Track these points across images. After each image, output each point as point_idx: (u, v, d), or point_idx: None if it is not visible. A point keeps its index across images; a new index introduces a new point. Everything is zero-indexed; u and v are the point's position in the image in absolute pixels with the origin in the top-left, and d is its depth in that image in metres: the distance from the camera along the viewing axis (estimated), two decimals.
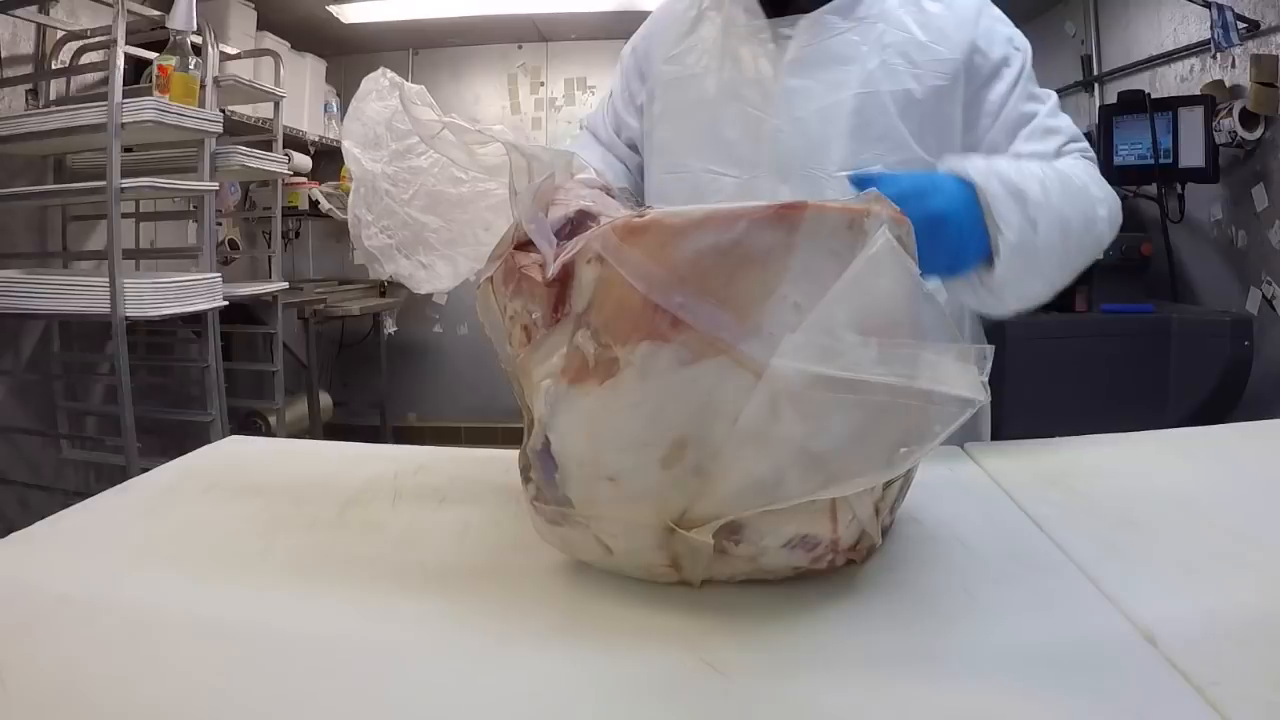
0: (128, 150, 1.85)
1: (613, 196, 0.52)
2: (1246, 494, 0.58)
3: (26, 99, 2.07)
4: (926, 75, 0.78)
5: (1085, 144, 0.81)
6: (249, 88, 2.31)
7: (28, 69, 2.08)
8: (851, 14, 0.80)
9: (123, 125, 1.72)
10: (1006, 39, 0.81)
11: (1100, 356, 2.15)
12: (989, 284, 0.67)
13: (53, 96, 2.10)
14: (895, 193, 0.46)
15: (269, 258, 2.58)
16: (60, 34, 2.07)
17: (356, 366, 3.51)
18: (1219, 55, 2.22)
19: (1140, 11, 2.62)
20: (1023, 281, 0.68)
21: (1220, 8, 2.09)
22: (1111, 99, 2.61)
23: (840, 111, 0.79)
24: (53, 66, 2.09)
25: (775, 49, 0.82)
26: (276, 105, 2.44)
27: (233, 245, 2.96)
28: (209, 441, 0.78)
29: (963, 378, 0.37)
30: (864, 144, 0.78)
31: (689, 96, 0.86)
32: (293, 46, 2.86)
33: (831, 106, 0.79)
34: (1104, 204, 0.75)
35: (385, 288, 3.15)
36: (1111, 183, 0.78)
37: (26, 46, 2.08)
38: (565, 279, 0.41)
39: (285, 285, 2.45)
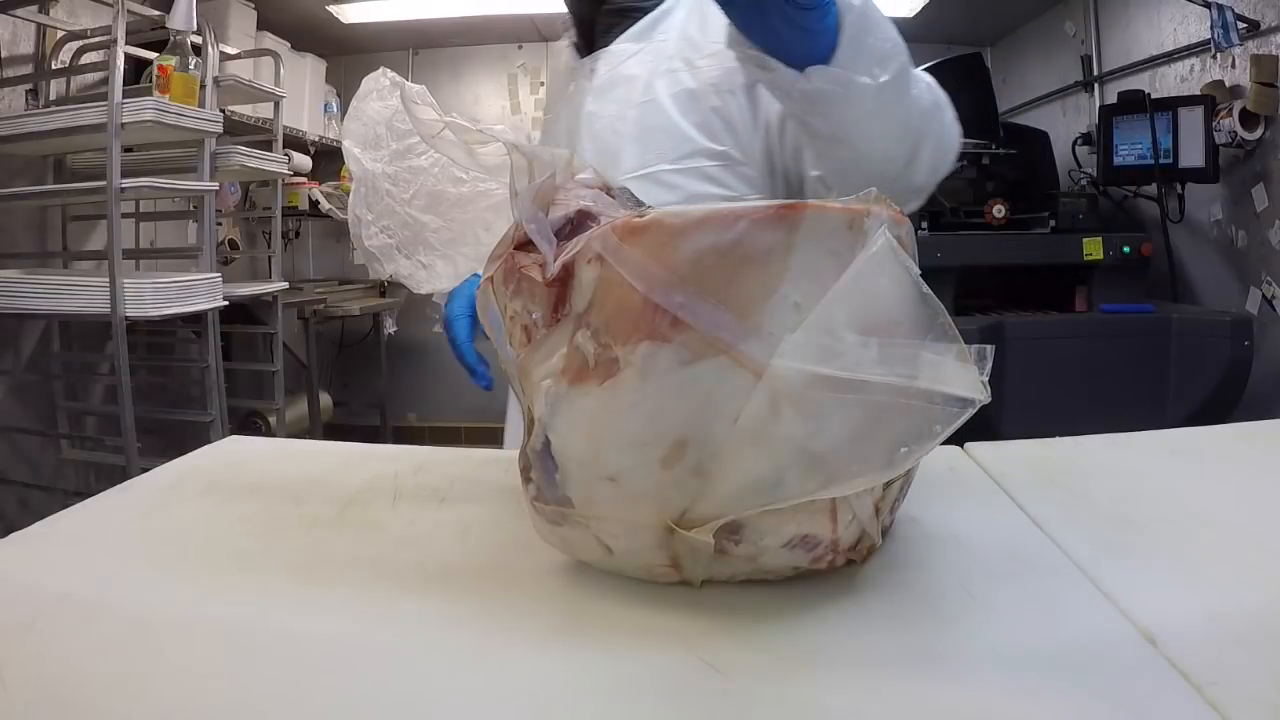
0: (128, 150, 1.85)
1: (613, 197, 0.52)
2: (1246, 494, 0.58)
3: (26, 99, 2.07)
4: (704, 72, 0.86)
5: None
6: (249, 88, 2.31)
7: (28, 69, 2.08)
8: (644, 37, 0.91)
9: (123, 125, 1.72)
10: None
11: (1100, 356, 2.15)
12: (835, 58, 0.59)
13: (53, 96, 2.10)
14: None
15: (269, 258, 2.58)
16: (60, 34, 2.07)
17: (356, 366, 3.51)
18: (1219, 55, 2.22)
19: (1140, 11, 2.62)
20: (864, 53, 0.60)
21: (1220, 8, 2.09)
22: (1111, 99, 2.61)
23: (624, 123, 0.87)
24: (53, 66, 2.09)
25: (588, 83, 0.93)
26: (276, 105, 2.44)
27: (233, 245, 2.96)
28: (209, 441, 0.78)
29: (963, 378, 0.37)
30: (648, 146, 0.86)
31: (545, 139, 1.00)
32: (293, 46, 2.86)
33: (617, 119, 0.88)
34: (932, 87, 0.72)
35: (385, 288, 3.15)
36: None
37: (26, 46, 2.08)
38: (565, 279, 0.41)
39: (285, 285, 2.45)
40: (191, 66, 1.90)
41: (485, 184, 0.63)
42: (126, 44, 1.76)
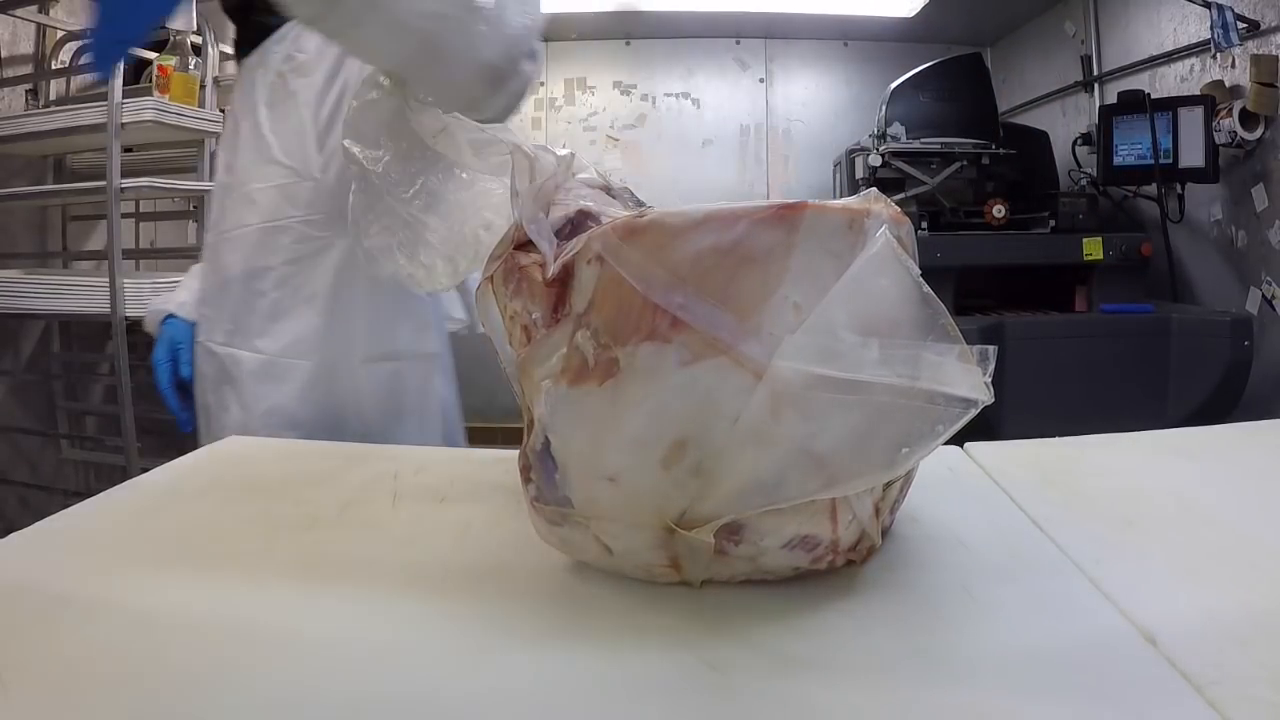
0: (127, 150, 1.86)
1: (613, 196, 0.52)
2: (1246, 494, 0.58)
3: (26, 99, 2.07)
4: (290, 82, 0.92)
5: None
6: None
7: (28, 69, 2.08)
8: (262, 62, 0.95)
9: (123, 125, 1.72)
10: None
11: (1100, 356, 2.15)
12: None
13: (53, 96, 2.11)
14: None
15: None
16: (60, 34, 2.07)
17: None
18: (1219, 55, 2.23)
19: (1140, 11, 2.63)
20: None
21: (1220, 8, 2.09)
22: (1111, 99, 2.61)
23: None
24: (53, 66, 2.09)
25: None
26: None
27: None
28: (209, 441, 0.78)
29: (965, 378, 0.37)
30: (247, 168, 0.94)
31: None
32: None
33: None
34: None
35: None
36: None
37: (26, 46, 2.08)
38: (565, 279, 0.41)
39: None
40: (191, 66, 1.90)
41: (486, 184, 0.63)
42: None
